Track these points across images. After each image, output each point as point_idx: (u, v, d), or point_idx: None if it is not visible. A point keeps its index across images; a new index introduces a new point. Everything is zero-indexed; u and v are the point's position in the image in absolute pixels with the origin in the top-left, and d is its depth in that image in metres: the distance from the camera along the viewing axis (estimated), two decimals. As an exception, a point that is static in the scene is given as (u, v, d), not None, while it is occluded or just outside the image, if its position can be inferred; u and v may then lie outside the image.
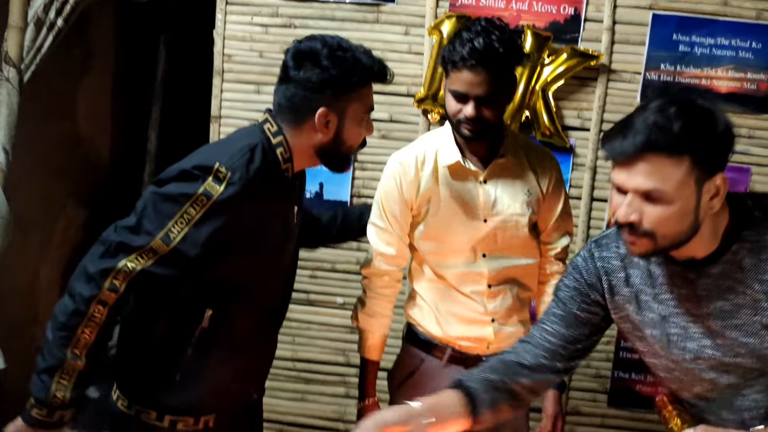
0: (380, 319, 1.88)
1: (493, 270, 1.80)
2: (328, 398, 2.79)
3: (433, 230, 1.80)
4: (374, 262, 1.85)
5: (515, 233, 1.80)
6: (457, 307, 1.82)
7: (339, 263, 2.74)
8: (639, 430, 2.69)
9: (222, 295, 1.47)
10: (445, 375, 1.83)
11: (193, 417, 1.51)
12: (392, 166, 1.83)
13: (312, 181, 2.67)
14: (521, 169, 1.81)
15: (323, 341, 2.78)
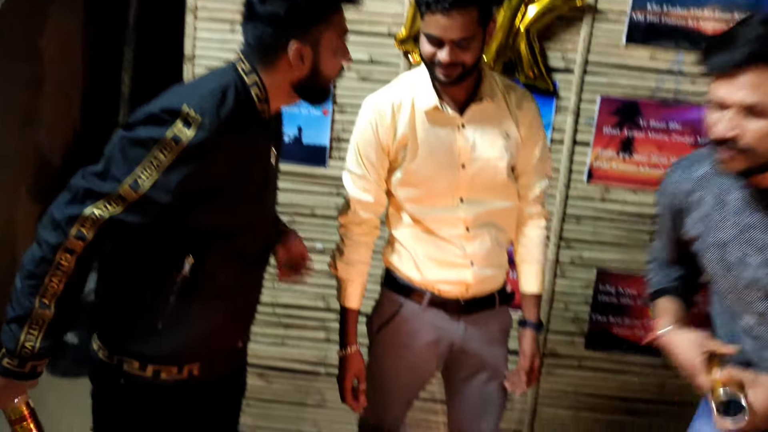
0: (359, 267, 1.85)
1: (472, 214, 1.78)
2: (308, 342, 2.80)
3: (410, 176, 1.76)
4: (351, 210, 1.81)
5: (494, 177, 1.78)
6: (436, 251, 1.81)
7: (318, 208, 2.71)
8: (615, 371, 2.74)
9: (202, 243, 1.43)
10: (425, 319, 1.84)
11: (177, 366, 1.49)
12: (367, 111, 1.77)
13: (290, 125, 2.63)
14: (500, 113, 1.77)
15: (303, 286, 2.75)
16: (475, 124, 1.74)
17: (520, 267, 1.95)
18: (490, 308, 1.89)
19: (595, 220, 2.64)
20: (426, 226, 1.80)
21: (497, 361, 1.92)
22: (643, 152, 2.58)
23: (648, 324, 2.69)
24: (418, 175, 1.76)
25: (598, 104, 2.55)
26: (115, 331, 1.49)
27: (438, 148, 1.73)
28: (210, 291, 1.47)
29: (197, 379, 1.52)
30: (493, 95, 1.75)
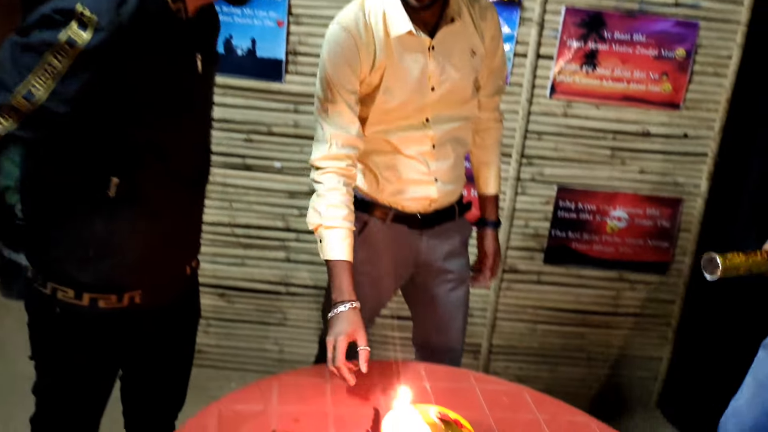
0: (344, 212, 1.64)
1: (438, 132, 1.75)
2: (268, 262, 2.77)
3: (381, 102, 1.69)
4: (329, 147, 1.64)
5: (462, 96, 1.75)
6: (401, 169, 1.77)
7: (276, 126, 2.62)
8: (572, 285, 2.79)
9: (124, 161, 1.32)
10: (389, 235, 1.82)
11: (116, 294, 1.41)
12: (339, 38, 1.62)
13: (243, 37, 2.51)
14: (466, 30, 1.71)
15: (262, 206, 2.71)
16: (444, 46, 1.68)
17: (479, 170, 1.99)
18: (450, 220, 1.88)
19: (557, 136, 2.61)
20: (391, 145, 1.75)
21: (460, 271, 1.94)
22: (606, 66, 2.54)
23: (605, 239, 2.73)
24: (390, 102, 1.68)
25: (562, 15, 2.48)
26: (47, 257, 1.40)
27: (410, 74, 1.66)
28: (139, 213, 1.37)
29: (140, 307, 1.45)
30: (460, 13, 1.68)
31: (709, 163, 2.64)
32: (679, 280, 2.78)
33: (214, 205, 2.69)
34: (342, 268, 1.60)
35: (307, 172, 2.61)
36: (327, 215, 1.62)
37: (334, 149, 1.64)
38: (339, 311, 1.56)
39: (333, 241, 1.61)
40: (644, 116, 2.60)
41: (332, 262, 1.61)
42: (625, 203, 2.69)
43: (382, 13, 1.63)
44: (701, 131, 2.62)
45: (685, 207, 2.70)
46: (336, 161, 1.65)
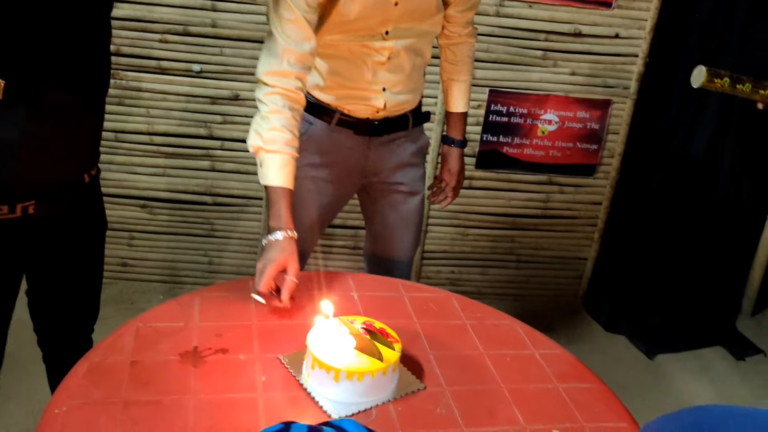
0: (288, 136, 1.52)
1: (397, 44, 1.64)
2: (192, 172, 2.66)
3: (339, 14, 1.55)
4: (280, 63, 1.51)
5: (426, 11, 1.64)
6: (349, 75, 1.67)
7: (192, 25, 2.44)
8: (503, 189, 2.80)
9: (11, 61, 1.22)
10: (334, 138, 1.74)
11: (7, 205, 1.34)
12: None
13: (150, -76, 2.28)
14: None
15: (182, 113, 2.56)
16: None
17: (448, 85, 1.91)
18: (403, 129, 1.81)
19: (489, 38, 2.53)
20: (344, 52, 1.63)
21: (412, 182, 1.88)
22: (539, -39, 2.44)
23: (536, 143, 2.71)
24: (349, 15, 1.56)
25: None
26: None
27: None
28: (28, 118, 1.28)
29: (35, 218, 1.38)
30: None
31: (639, 63, 2.63)
32: (606, 182, 2.81)
33: (130, 111, 2.53)
34: (281, 195, 1.52)
35: (229, 76, 2.51)
36: (269, 138, 1.51)
37: (285, 66, 1.52)
38: (274, 238, 1.49)
39: (273, 166, 1.51)
40: (576, 16, 2.54)
41: (271, 188, 1.52)
42: (556, 106, 2.67)
43: None
44: (633, 31, 2.58)
45: (614, 109, 2.70)
46: (285, 79, 1.53)
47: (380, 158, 1.81)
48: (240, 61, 2.49)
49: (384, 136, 1.78)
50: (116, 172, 2.58)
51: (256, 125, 1.54)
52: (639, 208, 2.87)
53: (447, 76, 1.90)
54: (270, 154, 1.52)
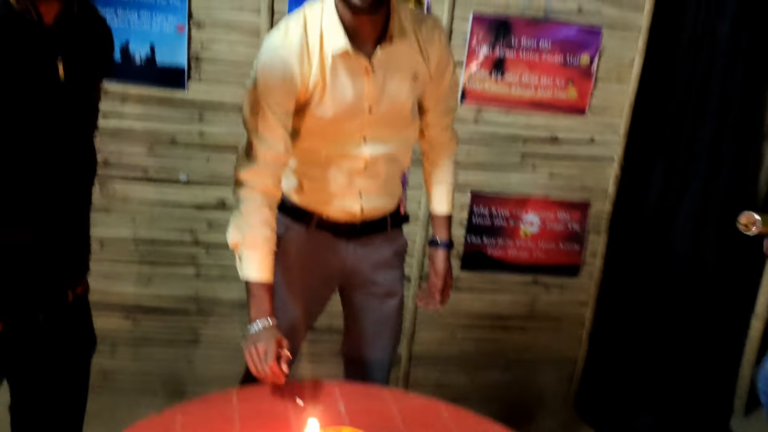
0: (265, 232, 1.58)
1: (374, 152, 1.69)
2: (177, 279, 2.64)
3: (314, 119, 1.61)
4: (257, 163, 1.57)
5: (399, 118, 1.69)
6: (327, 181, 1.71)
7: (179, 135, 2.50)
8: (488, 291, 2.80)
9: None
10: (313, 240, 1.76)
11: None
12: (275, 58, 1.54)
13: (141, 43, 2.38)
14: (409, 52, 1.63)
15: (167, 220, 2.58)
16: (384, 67, 1.60)
17: (431, 189, 1.93)
18: (381, 231, 1.83)
19: (469, 143, 2.61)
20: (321, 158, 1.68)
21: (391, 284, 1.89)
22: (514, 72, 2.55)
23: (520, 244, 2.75)
24: (324, 119, 1.61)
25: (470, 22, 2.48)
26: None
27: (346, 94, 1.59)
28: None
29: (4, 335, 1.32)
30: (403, 33, 1.60)
31: (615, 167, 2.70)
32: (590, 281, 2.83)
33: (116, 220, 2.54)
34: (261, 289, 1.56)
35: (215, 183, 2.55)
36: (248, 234, 1.56)
37: (261, 166, 1.57)
38: (261, 326, 1.53)
39: (253, 261, 1.56)
40: (552, 122, 2.64)
41: (252, 282, 1.56)
42: (537, 208, 2.72)
43: (320, 29, 1.54)
44: (607, 136, 2.68)
45: (594, 210, 2.75)
46: (261, 178, 1.58)
47: (359, 259, 1.82)
48: (226, 169, 2.53)
49: (362, 238, 1.80)
50: (100, 282, 2.56)
51: (236, 221, 1.59)
52: (625, 307, 2.87)
53: (429, 179, 1.93)
54: (249, 249, 1.56)
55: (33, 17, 1.20)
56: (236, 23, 2.42)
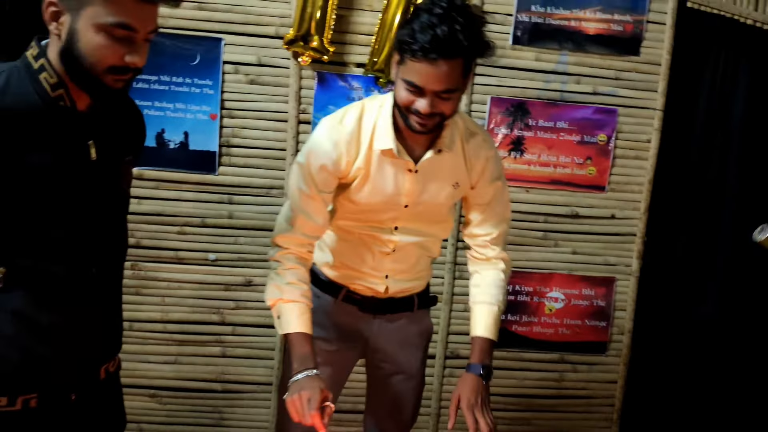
0: (303, 288, 1.65)
1: (403, 240, 1.75)
2: (203, 359, 2.67)
3: (352, 202, 1.70)
4: (295, 230, 1.66)
5: (434, 215, 1.76)
6: (355, 259, 1.77)
7: (209, 218, 2.58)
8: (515, 369, 2.77)
9: (8, 250, 1.27)
10: (340, 312, 1.81)
11: (6, 396, 1.30)
12: (327, 137, 1.64)
13: (175, 130, 2.51)
14: (454, 163, 1.70)
15: (195, 300, 2.63)
16: (427, 171, 1.67)
17: (473, 308, 1.80)
18: (407, 310, 1.85)
19: (491, 220, 2.65)
20: (352, 237, 1.75)
21: (412, 364, 1.90)
22: (533, 151, 2.62)
23: (545, 320, 2.73)
24: (361, 204, 1.69)
25: (488, 105, 2.57)
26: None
27: (386, 187, 1.67)
28: (30, 307, 1.29)
29: (37, 412, 1.34)
30: (451, 145, 1.67)
31: (637, 242, 2.72)
32: (618, 359, 2.79)
33: (146, 301, 2.60)
34: (303, 339, 1.60)
35: (241, 263, 2.61)
36: (287, 290, 1.63)
37: (299, 234, 1.67)
38: (304, 375, 1.55)
39: (292, 314, 1.61)
40: (572, 198, 2.68)
41: (292, 334, 1.61)
42: (561, 284, 2.72)
43: (373, 124, 1.63)
44: (628, 212, 2.70)
45: (619, 286, 2.74)
46: (297, 245, 1.67)
47: (382, 335, 1.85)
48: (254, 249, 2.60)
49: (387, 315, 1.83)
50: (127, 362, 2.59)
51: (273, 280, 1.65)
52: (657, 386, 2.81)
53: (471, 299, 1.82)
54: (288, 303, 1.62)
55: (66, 104, 1.29)
56: (265, 111, 2.55)
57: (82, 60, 1.23)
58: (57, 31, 1.24)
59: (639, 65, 2.61)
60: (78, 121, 1.31)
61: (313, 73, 2.52)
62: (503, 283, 1.79)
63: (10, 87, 1.23)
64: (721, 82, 2.70)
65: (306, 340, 1.60)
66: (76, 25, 1.21)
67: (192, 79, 2.49)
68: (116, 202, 1.46)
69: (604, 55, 2.58)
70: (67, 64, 1.25)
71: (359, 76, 2.54)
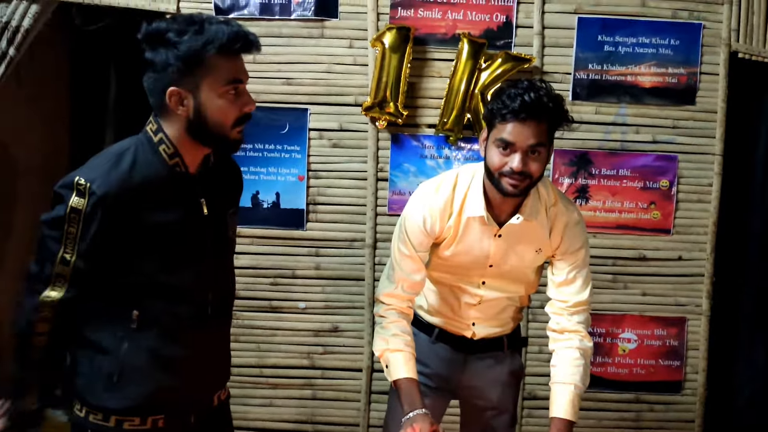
0: (406, 338, 1.83)
1: (489, 294, 1.92)
2: (295, 401, 2.87)
3: (442, 259, 1.90)
4: (396, 287, 1.86)
5: (519, 276, 1.92)
6: (445, 307, 1.96)
7: (299, 270, 2.84)
8: (592, 409, 2.85)
9: (140, 295, 1.52)
10: (433, 350, 1.99)
11: (139, 417, 1.55)
12: (423, 204, 1.83)
13: (268, 192, 2.80)
14: (536, 230, 1.84)
15: (288, 346, 2.86)
16: (511, 236, 1.83)
17: (551, 388, 1.85)
18: (498, 350, 2.01)
19: (560, 265, 2.79)
20: (444, 287, 1.95)
21: (504, 401, 2.02)
22: (598, 198, 2.78)
23: (618, 361, 2.82)
24: (450, 261, 1.90)
25: (552, 157, 2.76)
26: (82, 385, 1.57)
27: (473, 248, 1.86)
28: (157, 343, 1.54)
29: (163, 430, 1.58)
30: (534, 213, 1.81)
31: (706, 282, 2.79)
32: (695, 398, 2.83)
33: (243, 347, 2.84)
34: (410, 384, 1.77)
35: (328, 311, 2.83)
36: (392, 341, 1.82)
37: (399, 290, 1.87)
38: (414, 413, 1.71)
39: (399, 362, 1.80)
40: (639, 242, 2.80)
41: (400, 380, 1.78)
42: (633, 325, 2.82)
43: (465, 193, 1.82)
44: (694, 253, 2.79)
45: (690, 326, 2.81)
46: (398, 301, 1.87)
47: (475, 374, 2.00)
48: (339, 297, 2.83)
49: (478, 354, 1.99)
50: (228, 403, 2.83)
51: (379, 333, 1.85)
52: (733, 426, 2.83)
53: (552, 378, 1.86)
54: (395, 353, 1.81)
55: (182, 169, 1.55)
56: (347, 171, 2.81)
57: (212, 125, 1.49)
58: (184, 113, 1.48)
59: (696, 113, 2.75)
60: (191, 183, 1.57)
61: (388, 135, 2.78)
62: (580, 360, 1.82)
63: (138, 160, 1.50)
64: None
65: (413, 385, 1.77)
66: (199, 100, 1.47)
67: (282, 146, 2.79)
68: (226, 248, 1.72)
69: (661, 105, 2.74)
70: (197, 133, 1.51)
71: (431, 136, 2.78)
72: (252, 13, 2.76)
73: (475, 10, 2.72)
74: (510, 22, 2.72)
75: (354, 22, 2.75)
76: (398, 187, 2.79)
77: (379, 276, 2.09)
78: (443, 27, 2.73)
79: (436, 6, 2.73)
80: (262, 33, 2.75)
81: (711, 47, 2.72)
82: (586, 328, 1.88)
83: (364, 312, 2.81)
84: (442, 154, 2.79)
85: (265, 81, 2.77)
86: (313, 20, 2.75)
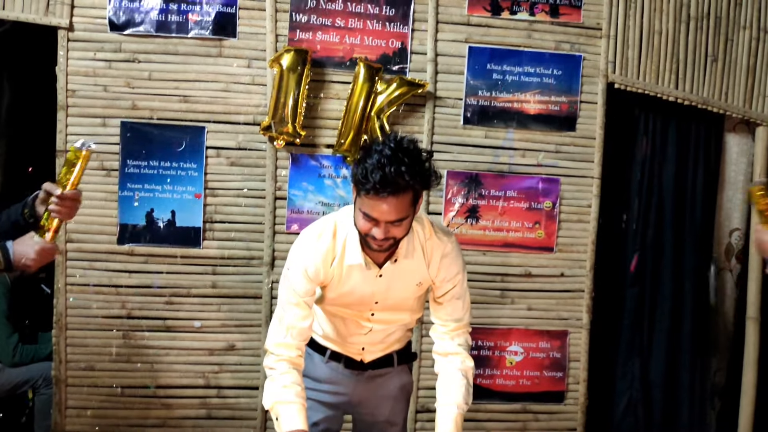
0: (297, 389, 1.84)
1: (378, 325, 1.99)
2: (190, 421, 2.84)
3: (329, 300, 1.95)
4: (285, 337, 1.87)
5: (403, 307, 2.00)
6: (336, 335, 2.02)
7: (195, 288, 2.82)
8: (482, 420, 2.97)
9: None
10: (326, 369, 2.04)
11: None
12: (304, 256, 1.88)
13: (164, 209, 2.77)
14: (413, 265, 1.92)
15: (183, 365, 2.83)
16: (391, 275, 1.91)
17: (437, 409, 1.93)
18: (388, 366, 2.07)
19: (452, 282, 2.91)
20: (335, 318, 2.00)
21: (395, 415, 2.10)
22: (487, 218, 2.92)
23: (506, 373, 2.96)
24: (336, 302, 1.96)
25: (445, 178, 2.88)
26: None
27: (356, 290, 1.92)
28: None
29: None
30: (411, 252, 1.89)
31: (586, 297, 2.98)
32: (576, 407, 3.00)
33: (135, 368, 2.80)
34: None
35: (225, 329, 2.82)
36: (282, 393, 1.82)
37: (289, 339, 1.88)
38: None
39: (290, 414, 1.80)
40: (525, 259, 2.95)
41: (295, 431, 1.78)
42: (519, 338, 2.96)
43: (344, 240, 1.88)
44: (575, 270, 2.98)
45: (572, 338, 2.99)
46: (288, 350, 1.87)
47: (366, 389, 2.06)
48: (235, 315, 2.83)
49: (369, 371, 2.05)
50: (119, 426, 2.77)
51: (269, 386, 1.86)
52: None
53: (437, 400, 1.94)
54: (285, 405, 1.81)
55: None
56: (245, 190, 2.83)
57: None
58: None
59: (576, 139, 2.94)
60: None
61: (287, 154, 2.82)
62: (462, 381, 1.92)
63: None
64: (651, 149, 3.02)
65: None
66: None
67: (179, 163, 2.78)
68: None
69: (544, 131, 2.92)
70: None
71: (329, 156, 2.84)
72: (148, 30, 2.74)
73: (371, 35, 2.81)
74: (405, 48, 2.83)
75: (253, 42, 2.79)
76: (296, 205, 2.84)
77: (276, 294, 2.12)
78: (341, 50, 2.81)
79: (334, 30, 2.81)
80: (159, 50, 2.74)
81: (590, 78, 2.93)
82: (467, 349, 1.99)
83: (261, 330, 2.82)
84: (340, 173, 2.86)
85: (162, 98, 2.76)
86: (211, 39, 2.76)
